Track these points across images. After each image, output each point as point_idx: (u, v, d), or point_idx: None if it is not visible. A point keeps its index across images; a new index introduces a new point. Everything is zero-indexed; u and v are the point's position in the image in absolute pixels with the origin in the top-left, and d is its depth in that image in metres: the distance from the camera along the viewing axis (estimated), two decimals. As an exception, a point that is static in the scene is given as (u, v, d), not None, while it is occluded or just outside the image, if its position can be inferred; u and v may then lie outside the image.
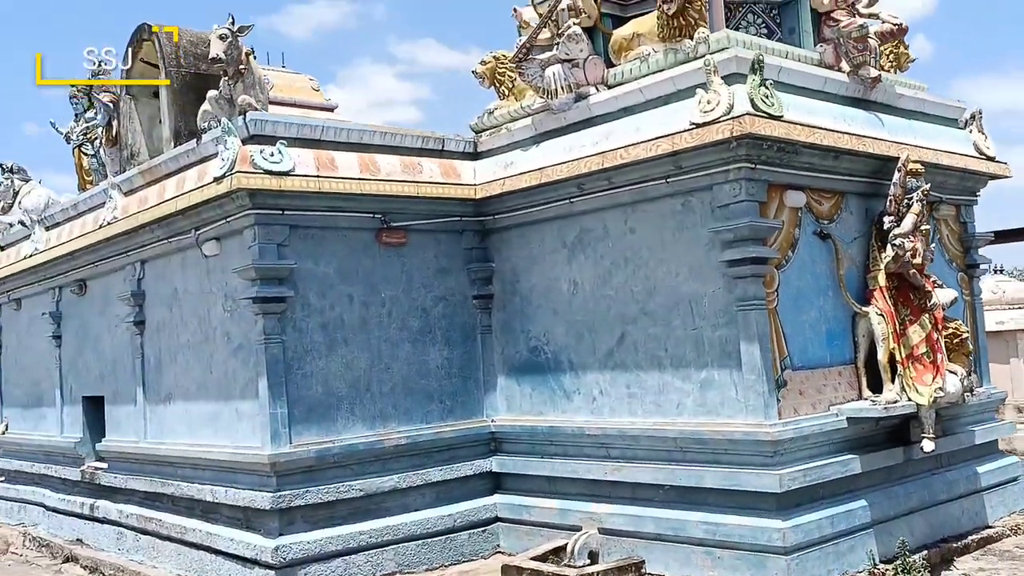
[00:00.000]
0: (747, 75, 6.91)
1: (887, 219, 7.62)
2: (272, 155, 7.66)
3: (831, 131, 7.34)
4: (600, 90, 8.10)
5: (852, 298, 7.59)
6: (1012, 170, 9.38)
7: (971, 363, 8.36)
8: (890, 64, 9.03)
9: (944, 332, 7.85)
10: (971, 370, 8.26)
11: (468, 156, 9.02)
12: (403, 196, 8.39)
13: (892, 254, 7.49)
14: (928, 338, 7.60)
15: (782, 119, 6.93)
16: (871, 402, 7.38)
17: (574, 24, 8.06)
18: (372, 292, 8.34)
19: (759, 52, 7.05)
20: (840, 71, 8.01)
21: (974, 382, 8.23)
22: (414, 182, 8.48)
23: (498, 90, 9.33)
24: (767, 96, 6.90)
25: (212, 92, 8.17)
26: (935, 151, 8.35)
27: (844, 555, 7.01)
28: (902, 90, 8.55)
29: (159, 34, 9.24)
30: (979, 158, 9.03)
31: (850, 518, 7.13)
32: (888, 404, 7.26)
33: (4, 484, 12.86)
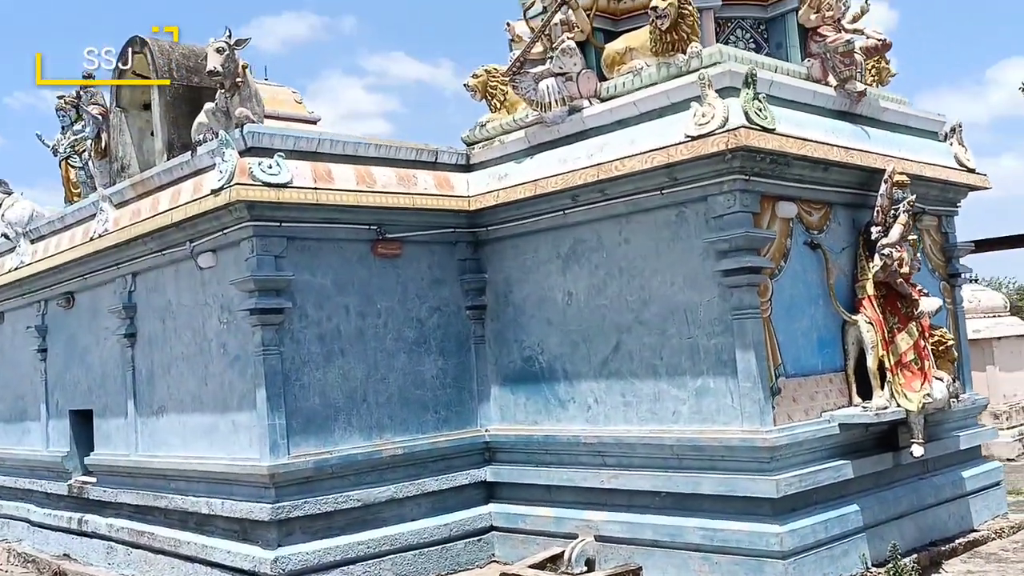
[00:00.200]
0: (740, 89, 7.06)
1: (874, 229, 7.79)
2: (270, 167, 7.69)
3: (821, 143, 7.50)
4: (593, 103, 8.21)
5: (841, 307, 7.76)
6: (990, 181, 9.63)
7: (956, 370, 8.57)
8: (872, 79, 9.22)
9: (930, 339, 8.06)
10: (956, 376, 8.46)
11: (461, 168, 9.09)
12: (398, 208, 8.44)
13: (880, 263, 7.64)
14: (916, 345, 7.78)
15: (775, 132, 7.08)
16: (862, 408, 7.52)
17: (568, 38, 8.18)
18: (368, 303, 8.38)
19: (752, 66, 7.21)
20: (827, 85, 8.19)
21: (959, 388, 8.43)
22: (409, 194, 8.53)
23: (489, 103, 9.40)
24: (760, 109, 7.05)
25: (208, 104, 8.22)
26: (918, 163, 8.55)
27: (838, 559, 7.15)
28: (886, 104, 8.75)
29: (151, 46, 9.27)
30: (960, 170, 9.26)
31: (843, 522, 7.27)
32: (879, 410, 7.40)
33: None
